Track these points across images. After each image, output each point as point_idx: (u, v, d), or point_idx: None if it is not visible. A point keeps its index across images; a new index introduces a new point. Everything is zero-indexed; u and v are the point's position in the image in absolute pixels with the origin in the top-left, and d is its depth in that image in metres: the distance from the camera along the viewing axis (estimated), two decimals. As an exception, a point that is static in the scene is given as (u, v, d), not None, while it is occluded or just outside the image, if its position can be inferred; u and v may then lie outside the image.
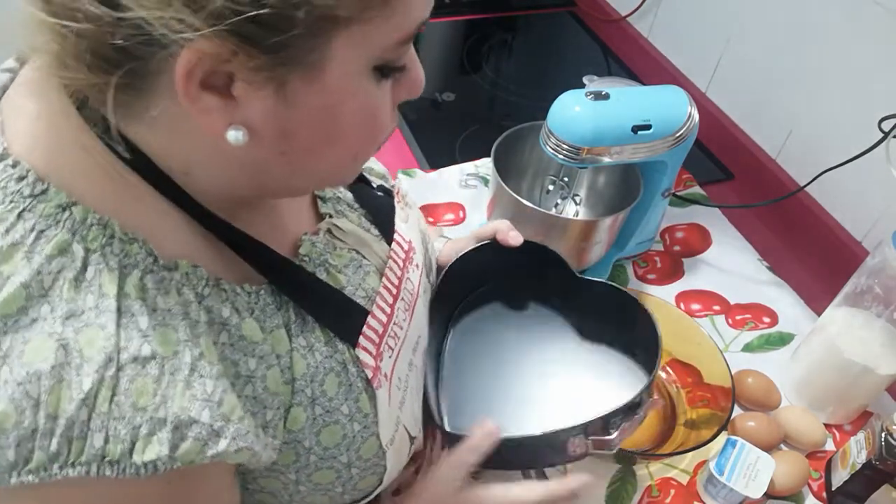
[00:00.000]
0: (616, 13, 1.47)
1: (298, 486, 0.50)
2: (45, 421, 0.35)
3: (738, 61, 1.20)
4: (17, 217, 0.37)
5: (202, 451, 0.39)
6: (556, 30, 1.53)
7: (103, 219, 0.39)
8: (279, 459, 0.48)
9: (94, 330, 0.36)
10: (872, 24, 0.95)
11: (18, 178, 0.38)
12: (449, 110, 1.28)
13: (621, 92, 0.85)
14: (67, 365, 0.36)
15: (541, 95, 1.09)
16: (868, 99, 0.97)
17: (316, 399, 0.48)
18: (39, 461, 0.35)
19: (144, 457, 0.36)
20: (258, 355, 0.45)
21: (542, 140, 0.85)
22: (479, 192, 1.10)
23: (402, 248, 0.60)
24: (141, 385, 0.37)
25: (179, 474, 0.39)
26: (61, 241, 0.37)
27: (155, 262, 0.40)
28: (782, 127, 1.13)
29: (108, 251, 0.38)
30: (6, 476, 0.35)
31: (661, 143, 0.87)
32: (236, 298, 0.45)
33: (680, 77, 1.32)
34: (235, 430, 0.41)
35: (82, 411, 0.35)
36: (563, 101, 0.84)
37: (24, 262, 0.36)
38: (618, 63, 1.45)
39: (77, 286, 0.37)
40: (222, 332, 0.43)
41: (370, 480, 0.54)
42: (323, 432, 0.49)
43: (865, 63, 0.97)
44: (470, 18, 1.52)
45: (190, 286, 0.41)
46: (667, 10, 1.35)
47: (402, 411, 0.56)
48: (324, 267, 0.51)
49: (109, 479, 0.36)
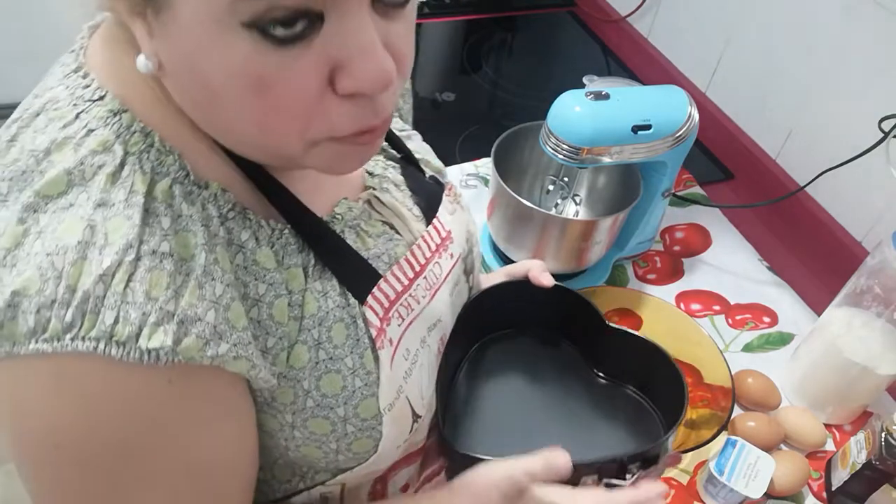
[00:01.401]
0: (616, 13, 1.47)
1: (294, 432, 0.51)
2: (64, 292, 0.38)
3: (738, 61, 1.20)
4: (75, 116, 0.42)
5: (203, 349, 0.40)
6: (556, 30, 1.53)
7: (146, 129, 0.43)
8: (278, 396, 0.49)
9: (120, 219, 0.40)
10: (872, 25, 0.95)
11: (85, 85, 0.43)
12: (449, 110, 1.28)
13: (621, 92, 0.85)
14: (92, 244, 0.39)
15: (541, 95, 1.09)
16: (868, 99, 0.97)
17: (321, 343, 0.50)
18: (54, 330, 0.37)
19: (149, 343, 0.39)
20: (268, 282, 0.47)
21: (542, 140, 0.85)
22: (479, 192, 1.10)
23: (439, 234, 0.61)
24: (156, 277, 0.40)
25: (182, 375, 0.41)
26: (105, 139, 0.42)
27: (186, 177, 0.44)
28: (782, 127, 1.13)
29: (145, 157, 0.42)
30: (25, 342, 0.38)
31: (661, 143, 0.87)
32: (259, 229, 0.47)
33: (680, 77, 1.32)
34: (238, 338, 0.43)
35: (98, 286, 0.38)
36: (563, 101, 0.84)
37: (71, 153, 0.41)
38: (618, 63, 1.45)
39: (113, 181, 0.41)
40: (238, 254, 0.46)
41: (365, 443, 0.53)
42: (323, 378, 0.50)
43: (865, 63, 0.97)
44: (470, 18, 1.52)
45: (215, 205, 0.45)
46: (667, 10, 1.35)
47: (407, 383, 0.56)
48: (354, 230, 0.54)
49: (115, 360, 0.38)
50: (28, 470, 0.43)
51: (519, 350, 0.75)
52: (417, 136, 0.69)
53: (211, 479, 0.47)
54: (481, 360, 0.74)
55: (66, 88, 0.44)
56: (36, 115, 0.43)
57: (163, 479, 0.44)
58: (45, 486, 0.43)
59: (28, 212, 0.40)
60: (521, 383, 0.72)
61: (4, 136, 0.43)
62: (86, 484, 0.42)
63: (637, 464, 0.61)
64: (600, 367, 0.74)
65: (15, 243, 0.39)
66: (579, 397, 0.72)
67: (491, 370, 0.73)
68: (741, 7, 1.16)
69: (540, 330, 0.76)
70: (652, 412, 0.71)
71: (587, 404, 0.71)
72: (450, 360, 0.65)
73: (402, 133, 0.66)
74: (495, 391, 0.71)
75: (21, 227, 0.39)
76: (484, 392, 0.71)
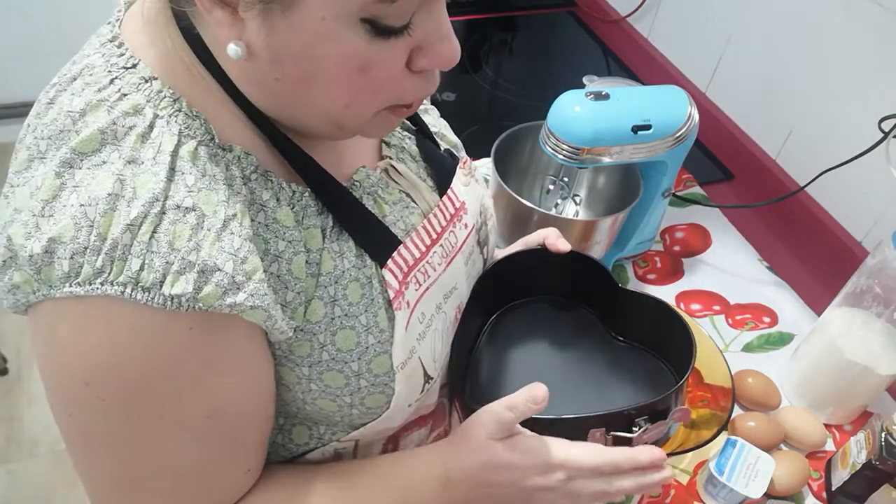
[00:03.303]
0: (616, 13, 1.47)
1: (310, 385, 0.53)
2: (96, 240, 0.41)
3: (738, 61, 1.20)
4: (110, 81, 0.45)
5: (222, 297, 0.43)
6: (556, 30, 1.53)
7: (175, 94, 0.46)
8: (295, 349, 0.51)
9: (148, 175, 0.43)
10: (872, 25, 0.95)
11: (119, 54, 0.47)
12: (449, 110, 1.28)
13: (621, 92, 0.85)
14: (121, 197, 0.42)
15: (541, 95, 1.09)
16: (868, 99, 0.97)
17: (337, 300, 0.52)
18: (86, 274, 0.41)
19: (172, 290, 0.42)
20: (287, 239, 0.49)
21: (542, 140, 0.85)
22: (479, 192, 1.10)
23: (454, 205, 0.63)
24: (179, 230, 0.43)
25: (202, 323, 0.44)
26: (136, 103, 0.45)
27: (212, 140, 0.46)
28: (782, 127, 1.13)
29: (173, 120, 0.45)
30: (60, 285, 0.41)
31: (661, 143, 0.87)
32: (280, 191, 0.50)
33: (680, 77, 1.32)
34: (254, 289, 0.45)
35: (126, 235, 0.42)
36: (563, 101, 0.84)
37: (105, 114, 0.44)
38: (618, 63, 1.44)
39: (143, 141, 0.44)
40: (260, 213, 0.48)
41: (378, 399, 0.56)
42: (339, 333, 0.52)
43: (865, 63, 0.97)
44: (470, 18, 1.52)
45: (238, 166, 0.47)
46: (667, 10, 1.35)
47: (420, 345, 0.58)
48: (372, 197, 0.56)
49: (140, 304, 0.42)
50: (61, 409, 0.46)
51: (537, 316, 0.76)
52: (435, 111, 0.72)
53: (227, 424, 0.49)
54: (501, 327, 0.75)
55: (101, 56, 0.47)
56: (73, 79, 0.46)
57: (182, 420, 0.47)
58: (75, 424, 0.46)
59: (65, 167, 0.43)
60: (540, 348, 0.73)
61: (44, 98, 0.47)
62: (111, 422, 0.45)
63: (645, 417, 0.61)
64: (617, 330, 0.75)
65: (52, 195, 0.42)
66: (597, 359, 0.73)
67: (510, 336, 0.74)
68: (741, 7, 1.16)
69: (557, 296, 0.77)
70: (668, 371, 0.72)
71: (605, 366, 0.72)
72: (470, 328, 0.67)
73: (421, 107, 0.68)
74: (515, 357, 0.72)
75: (58, 181, 0.43)
76: (504, 358, 0.72)
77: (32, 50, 2.12)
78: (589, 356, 0.73)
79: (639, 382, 0.71)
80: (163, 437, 0.47)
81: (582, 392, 0.62)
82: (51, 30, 2.09)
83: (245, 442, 0.52)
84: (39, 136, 0.44)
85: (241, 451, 0.52)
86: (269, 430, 0.55)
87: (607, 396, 0.69)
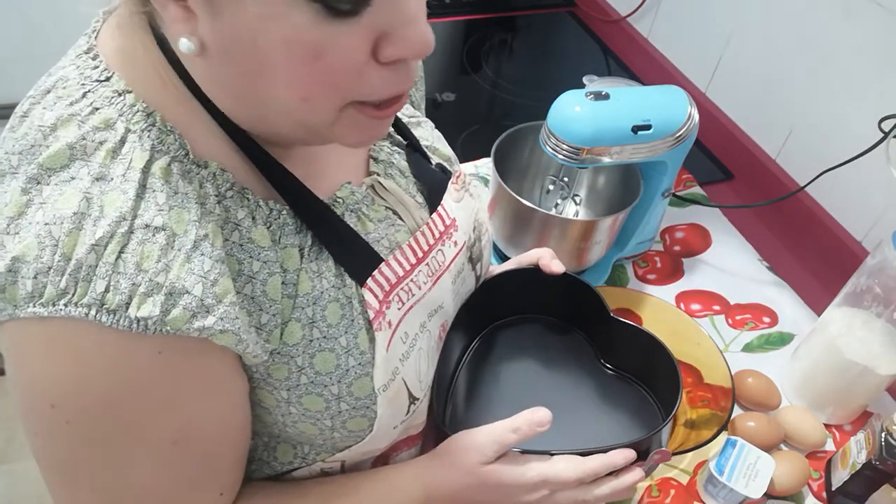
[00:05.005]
0: (616, 13, 1.47)
1: (290, 408, 0.52)
2: (59, 259, 0.40)
3: (738, 61, 1.20)
4: (82, 95, 0.44)
5: (190, 321, 0.42)
6: (556, 30, 1.53)
7: (149, 108, 0.45)
8: (273, 373, 0.50)
9: (116, 193, 0.42)
10: (872, 25, 0.95)
11: (94, 66, 0.45)
12: (449, 110, 1.28)
13: (621, 92, 0.85)
14: (87, 215, 0.41)
15: (541, 95, 1.09)
16: (868, 99, 0.97)
17: (315, 322, 0.50)
18: (49, 295, 0.40)
19: (138, 313, 0.41)
20: (262, 259, 0.48)
21: (542, 140, 0.85)
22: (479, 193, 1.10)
23: (443, 222, 0.62)
24: (148, 250, 0.42)
25: (172, 347, 0.43)
26: (108, 117, 0.44)
27: (186, 156, 0.45)
28: (782, 127, 1.13)
29: (146, 135, 0.44)
30: (24, 305, 0.40)
31: (661, 143, 0.87)
32: (257, 209, 0.48)
33: (680, 77, 1.32)
34: (225, 312, 0.44)
35: (91, 256, 0.40)
36: (563, 101, 0.84)
37: (75, 129, 0.43)
38: (618, 63, 1.44)
39: (113, 156, 0.43)
40: (234, 232, 0.47)
41: (360, 422, 0.54)
42: (317, 356, 0.51)
43: (865, 63, 0.97)
44: (470, 18, 1.52)
45: (213, 184, 0.46)
46: (667, 10, 1.35)
47: (404, 366, 0.57)
48: (356, 214, 0.55)
49: (105, 327, 0.40)
50: (29, 428, 0.45)
51: (526, 337, 0.76)
52: (429, 124, 0.70)
53: (198, 450, 0.48)
54: (489, 345, 0.74)
55: (76, 68, 0.46)
56: (47, 92, 0.45)
57: (150, 444, 0.45)
58: (43, 445, 0.45)
59: (32, 183, 0.42)
60: (527, 370, 0.73)
61: (19, 111, 0.46)
62: (78, 445, 0.44)
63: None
64: (607, 358, 0.74)
65: (18, 212, 0.41)
66: (584, 387, 0.72)
67: (499, 356, 0.73)
68: (741, 7, 1.16)
69: (548, 318, 0.76)
70: (655, 406, 0.72)
71: (591, 394, 0.72)
72: (456, 346, 0.66)
73: (412, 120, 0.66)
74: (502, 377, 0.71)
75: (24, 197, 0.42)
76: (490, 377, 0.71)
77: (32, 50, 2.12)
78: (576, 383, 0.72)
79: (624, 416, 0.70)
80: (130, 461, 0.45)
81: (563, 420, 0.61)
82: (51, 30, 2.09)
83: (218, 466, 0.51)
84: (10, 150, 0.43)
85: (213, 474, 0.51)
86: (245, 452, 0.54)
87: (590, 427, 0.69)
